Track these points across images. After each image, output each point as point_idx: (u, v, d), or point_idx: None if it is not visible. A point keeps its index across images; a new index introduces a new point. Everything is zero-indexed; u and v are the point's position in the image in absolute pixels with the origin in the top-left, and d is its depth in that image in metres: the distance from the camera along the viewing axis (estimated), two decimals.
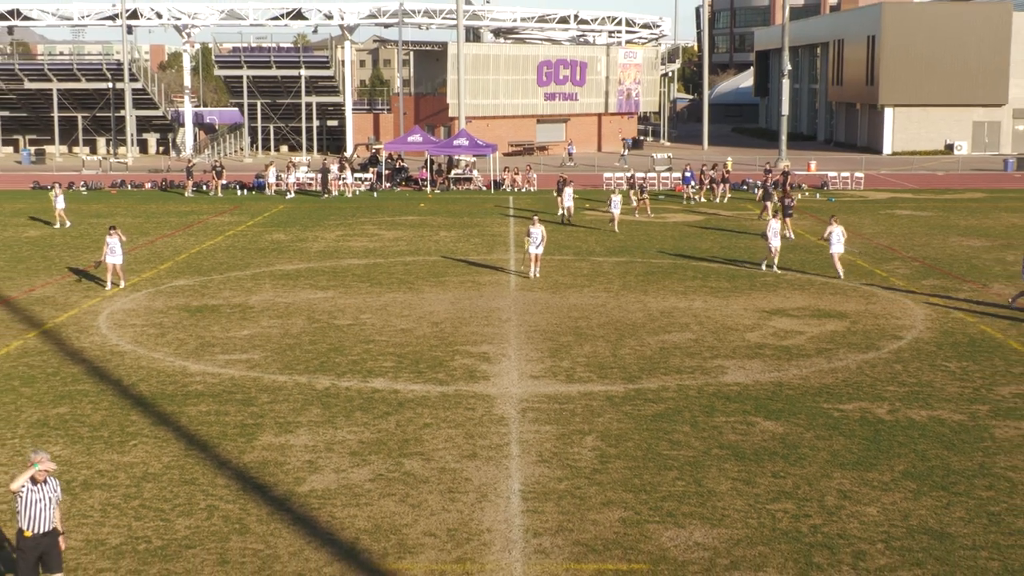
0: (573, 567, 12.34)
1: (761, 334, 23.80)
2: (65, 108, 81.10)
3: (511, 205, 50.13)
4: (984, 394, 19.19)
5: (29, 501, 10.93)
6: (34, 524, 10.93)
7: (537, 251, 30.44)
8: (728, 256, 34.58)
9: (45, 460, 11.00)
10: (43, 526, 10.98)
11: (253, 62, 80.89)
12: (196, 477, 15.12)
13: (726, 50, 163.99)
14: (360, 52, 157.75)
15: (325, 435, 16.92)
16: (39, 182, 60.53)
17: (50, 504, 11.02)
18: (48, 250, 36.33)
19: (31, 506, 10.93)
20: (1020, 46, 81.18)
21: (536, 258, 30.53)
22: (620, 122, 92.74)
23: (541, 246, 30.54)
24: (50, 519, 11.03)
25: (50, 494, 11.04)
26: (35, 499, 10.93)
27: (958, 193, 55.83)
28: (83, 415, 18.00)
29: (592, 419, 17.69)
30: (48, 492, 11.02)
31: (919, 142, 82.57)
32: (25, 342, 23.16)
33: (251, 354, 22.08)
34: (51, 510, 11.04)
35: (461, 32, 70.15)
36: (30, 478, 10.92)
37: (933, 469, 15.39)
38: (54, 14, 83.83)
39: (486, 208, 48.88)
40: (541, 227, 30.65)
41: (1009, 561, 12.45)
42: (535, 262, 30.58)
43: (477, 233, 40.47)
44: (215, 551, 12.73)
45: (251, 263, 33.57)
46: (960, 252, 35.77)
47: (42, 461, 10.97)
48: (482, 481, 14.94)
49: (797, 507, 13.99)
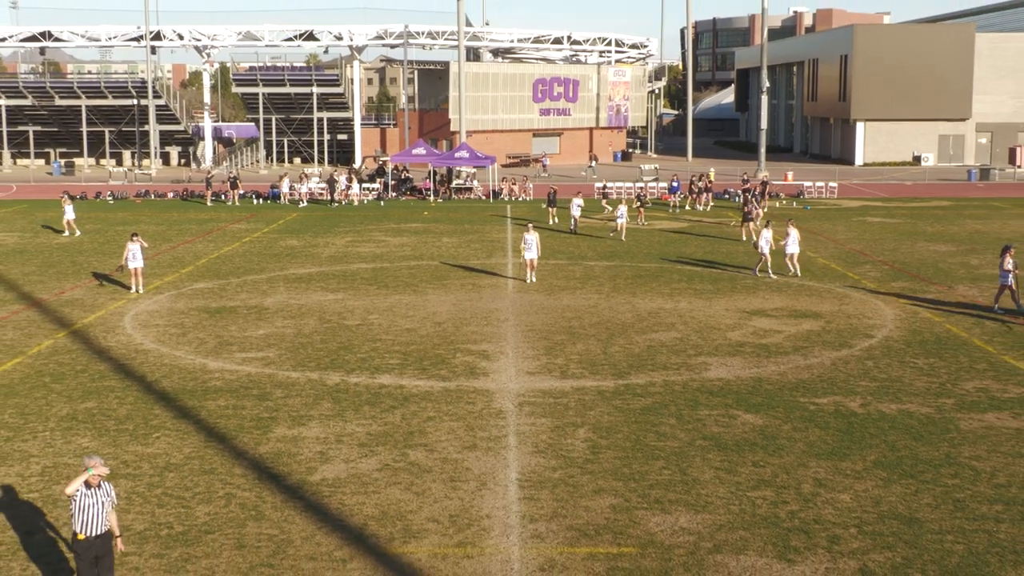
0: (567, 550, 12.32)
1: (742, 333, 23.78)
2: (93, 123, 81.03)
3: (508, 214, 50.09)
4: (950, 389, 19.18)
5: (83, 505, 10.65)
6: (87, 527, 10.65)
7: (533, 257, 30.21)
8: (711, 260, 34.55)
9: (99, 465, 10.72)
10: (96, 529, 10.68)
11: (268, 80, 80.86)
12: (215, 467, 15.09)
13: (709, 68, 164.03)
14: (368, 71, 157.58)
15: (335, 428, 16.89)
16: (68, 192, 60.41)
17: (103, 508, 10.74)
18: (77, 255, 36.27)
19: (85, 510, 10.64)
20: (983, 64, 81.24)
21: (532, 263, 30.31)
22: (610, 135, 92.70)
23: (537, 252, 30.35)
24: (103, 522, 10.75)
25: (103, 498, 10.76)
26: (89, 503, 10.65)
27: (925, 201, 55.82)
28: (109, 409, 17.96)
29: (584, 412, 17.66)
30: (102, 496, 10.75)
31: (889, 154, 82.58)
32: (55, 341, 23.12)
33: (266, 352, 22.04)
34: (104, 513, 10.75)
35: (462, 52, 70.11)
36: (84, 482, 10.64)
37: (902, 459, 15.38)
38: (83, 36, 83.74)
39: (485, 216, 48.83)
40: (536, 234, 30.52)
41: (973, 544, 12.43)
42: (531, 268, 30.37)
43: (477, 239, 40.42)
44: (233, 536, 12.70)
45: (266, 267, 33.51)
46: (927, 256, 35.76)
47: (96, 466, 10.69)
48: (482, 470, 14.92)
49: (776, 494, 13.97)
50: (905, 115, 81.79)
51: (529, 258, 30.21)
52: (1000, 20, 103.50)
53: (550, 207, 45.29)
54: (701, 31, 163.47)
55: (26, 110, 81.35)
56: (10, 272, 32.73)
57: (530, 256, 30.19)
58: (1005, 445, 15.99)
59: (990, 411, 17.75)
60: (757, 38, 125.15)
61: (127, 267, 29.00)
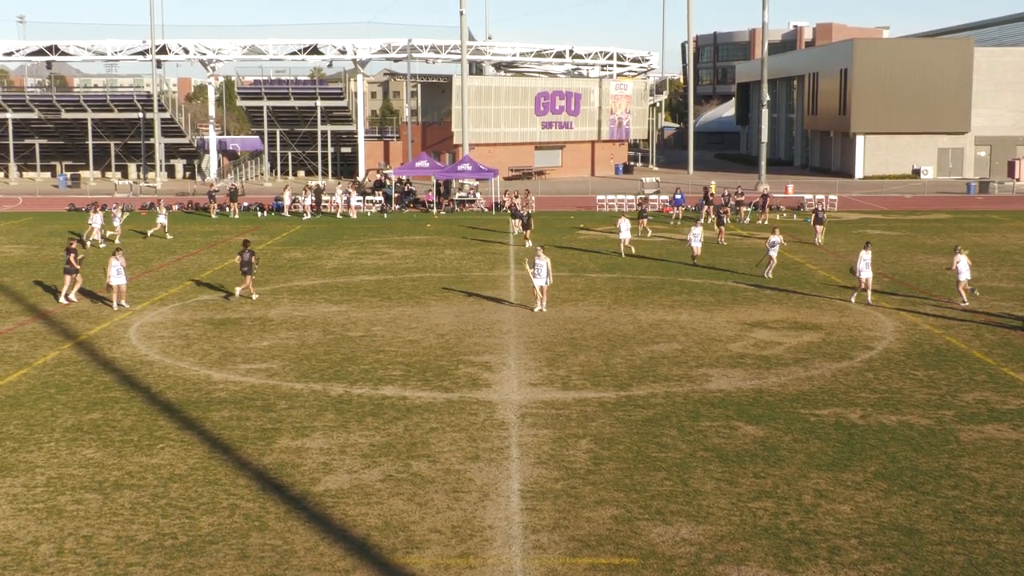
0: (568, 561, 12.30)
1: (743, 345, 23.77)
2: (99, 136, 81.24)
3: (511, 226, 50.09)
4: (950, 400, 19.16)
5: None
6: None
7: (544, 283, 27.28)
8: (712, 273, 34.56)
9: None
10: None
11: (273, 94, 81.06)
12: (219, 478, 15.08)
13: (710, 82, 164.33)
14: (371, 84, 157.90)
15: (339, 439, 16.88)
16: (75, 204, 60.59)
17: None
18: (83, 268, 36.23)
19: None
20: (982, 78, 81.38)
21: (543, 291, 27.40)
22: (612, 148, 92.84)
23: (548, 278, 27.36)
24: None
25: None
26: None
27: (924, 214, 55.83)
28: (114, 420, 17.96)
29: (586, 424, 17.65)
30: None
31: (888, 167, 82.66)
32: (61, 353, 23.14)
33: (270, 363, 22.05)
34: None
35: (465, 66, 70.28)
36: None
37: (903, 470, 15.35)
38: (89, 50, 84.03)
39: (488, 228, 48.85)
40: (547, 259, 27.47)
41: (973, 556, 12.41)
42: (542, 295, 27.46)
43: (480, 251, 40.45)
44: (236, 546, 12.69)
45: (270, 279, 33.54)
46: (927, 269, 35.75)
47: None
48: (484, 481, 14.90)
49: (776, 505, 13.95)
50: (904, 128, 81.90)
51: (539, 285, 27.29)
52: (999, 34, 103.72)
53: (515, 218, 45.52)
54: (702, 45, 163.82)
55: (32, 123, 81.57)
56: (16, 284, 32.76)
57: (539, 283, 27.27)
58: (1005, 456, 15.96)
59: (990, 423, 17.72)
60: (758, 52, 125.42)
61: (110, 284, 28.24)
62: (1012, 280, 33.30)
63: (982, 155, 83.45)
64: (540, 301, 27.53)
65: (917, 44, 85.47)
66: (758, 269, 32.55)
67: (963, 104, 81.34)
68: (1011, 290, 31.28)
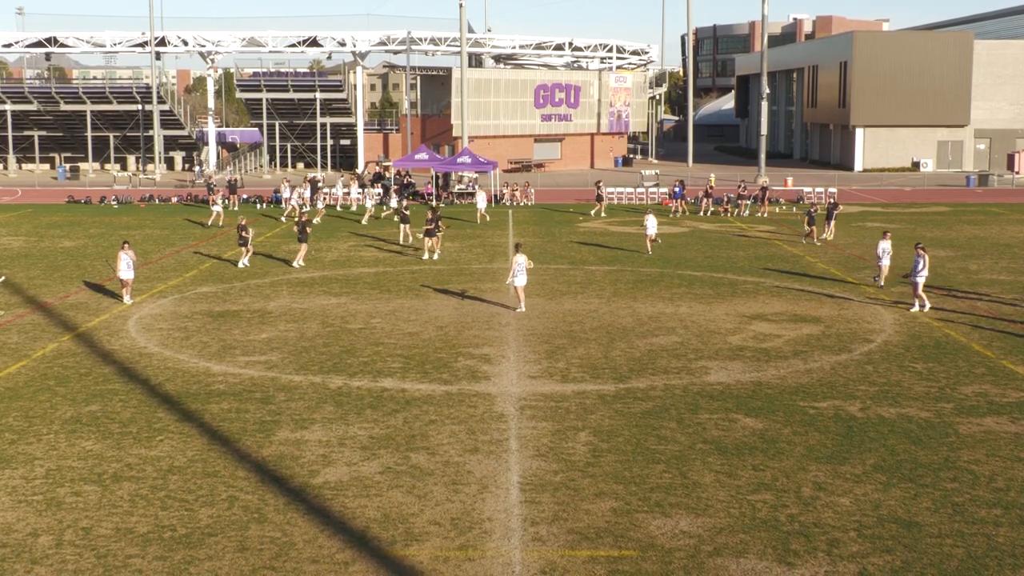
0: (568, 553, 12.30)
1: (742, 337, 23.76)
2: (98, 128, 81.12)
3: (510, 218, 50.07)
4: (949, 393, 19.15)
5: None
6: None
7: (520, 283, 26.05)
8: (711, 265, 34.54)
9: None
10: None
11: (272, 86, 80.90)
12: (218, 470, 15.07)
13: (709, 75, 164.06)
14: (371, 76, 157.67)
15: (338, 431, 16.88)
16: (73, 196, 60.57)
17: None
18: (81, 259, 36.29)
19: None
20: (981, 71, 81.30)
21: (519, 291, 26.26)
22: (611, 141, 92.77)
23: (523, 276, 26.01)
24: None
25: None
26: None
27: (924, 207, 55.81)
28: (113, 412, 17.96)
29: (585, 416, 17.64)
30: None
31: (888, 160, 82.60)
32: (60, 345, 23.12)
33: (269, 356, 22.03)
34: None
35: (464, 58, 70.15)
36: None
37: (902, 463, 15.35)
38: (88, 41, 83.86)
39: (487, 221, 48.80)
40: (525, 256, 26.12)
41: (972, 548, 12.41)
42: (520, 295, 26.37)
43: (479, 244, 40.42)
44: (235, 539, 12.68)
45: (269, 271, 33.51)
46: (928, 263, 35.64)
47: None
48: (483, 474, 14.90)
49: (775, 498, 13.95)
50: (904, 121, 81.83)
51: (519, 285, 26.17)
52: (998, 27, 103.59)
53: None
54: (702, 38, 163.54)
55: (31, 115, 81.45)
56: (15, 276, 32.73)
57: (520, 283, 26.12)
58: (1004, 449, 15.96)
59: (989, 415, 17.72)
60: (757, 45, 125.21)
61: (119, 277, 28.21)
62: (1011, 273, 33.30)
63: (981, 148, 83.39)
64: (522, 302, 26.49)
65: (917, 37, 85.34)
66: (875, 283, 31.08)
67: (963, 97, 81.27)
68: (1010, 283, 31.28)
